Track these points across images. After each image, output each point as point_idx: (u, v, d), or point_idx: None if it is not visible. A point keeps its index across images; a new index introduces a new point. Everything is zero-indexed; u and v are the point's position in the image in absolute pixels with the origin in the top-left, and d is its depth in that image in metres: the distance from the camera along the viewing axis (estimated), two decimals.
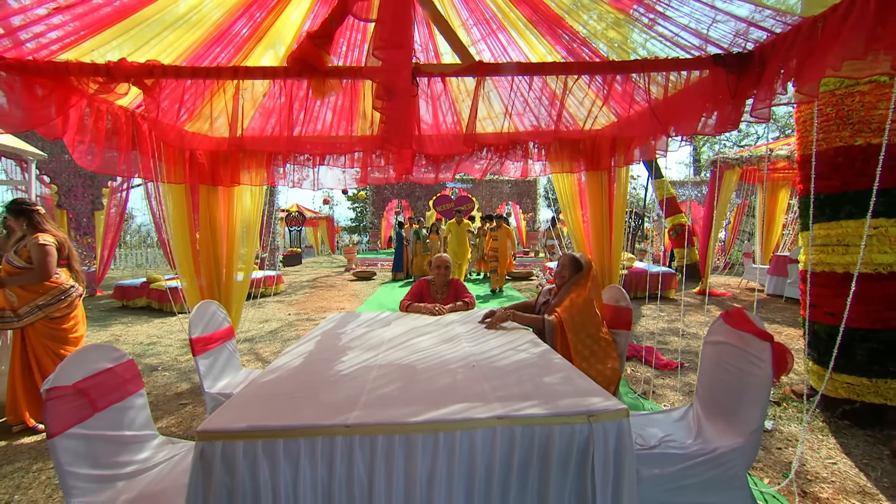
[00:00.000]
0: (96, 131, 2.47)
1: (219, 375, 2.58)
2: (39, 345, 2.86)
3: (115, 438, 1.56)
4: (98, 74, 2.08)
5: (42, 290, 2.84)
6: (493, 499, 1.29)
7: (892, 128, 2.53)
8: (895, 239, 2.54)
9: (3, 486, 2.21)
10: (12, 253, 2.83)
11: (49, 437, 1.32)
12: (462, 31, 2.72)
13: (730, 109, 2.39)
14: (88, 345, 1.59)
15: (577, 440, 1.30)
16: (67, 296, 2.93)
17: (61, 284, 2.91)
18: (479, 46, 2.90)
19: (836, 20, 1.79)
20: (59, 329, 2.91)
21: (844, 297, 2.63)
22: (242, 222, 3.90)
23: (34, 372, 2.85)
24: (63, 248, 2.96)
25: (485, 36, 2.83)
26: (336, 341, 2.28)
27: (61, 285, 2.91)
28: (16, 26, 1.90)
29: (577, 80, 2.64)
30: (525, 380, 1.63)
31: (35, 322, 2.82)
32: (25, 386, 2.85)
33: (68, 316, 2.95)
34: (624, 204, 3.97)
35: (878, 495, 2.02)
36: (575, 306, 2.44)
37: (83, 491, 1.36)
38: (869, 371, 2.59)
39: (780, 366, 1.59)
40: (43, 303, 2.83)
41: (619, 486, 1.30)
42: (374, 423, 1.27)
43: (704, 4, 2.12)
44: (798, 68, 2.01)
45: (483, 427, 1.28)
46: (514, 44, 2.86)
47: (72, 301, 2.96)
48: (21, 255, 2.82)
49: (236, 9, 2.28)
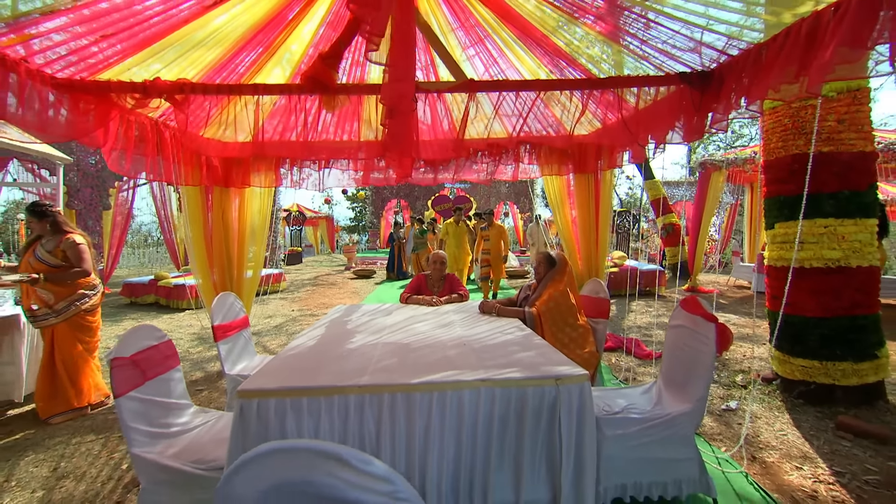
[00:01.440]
0: (126, 140, 2.75)
1: (237, 360, 2.87)
2: (69, 336, 3.05)
3: (162, 404, 1.85)
4: (135, 91, 2.37)
5: (78, 287, 3.06)
6: (478, 447, 1.58)
7: (839, 138, 2.83)
8: (843, 237, 2.84)
9: (50, 455, 2.50)
10: (44, 252, 3.01)
11: (115, 397, 1.61)
12: (459, 51, 3.01)
13: (695, 121, 2.68)
14: (137, 325, 1.88)
15: (546, 399, 1.59)
16: (96, 291, 3.20)
17: (92, 280, 3.16)
18: (474, 62, 3.19)
19: (775, 48, 2.09)
20: (88, 321, 3.15)
21: (801, 289, 2.95)
22: (252, 222, 4.18)
23: (58, 366, 3.01)
24: (89, 247, 3.17)
25: (479, 52, 3.12)
26: (344, 327, 2.58)
27: (92, 281, 3.16)
28: (65, 53, 2.18)
29: (560, 94, 2.94)
30: (507, 354, 1.92)
31: (72, 316, 3.03)
32: (51, 377, 2.99)
33: (96, 310, 3.21)
34: (609, 204, 4.27)
35: (817, 459, 2.33)
36: (552, 299, 2.73)
37: (141, 443, 1.65)
38: (820, 355, 2.89)
39: (721, 342, 1.88)
40: (78, 297, 3.06)
41: (581, 436, 1.60)
42: (380, 384, 1.57)
43: (675, 32, 2.41)
44: (748, 87, 2.30)
45: (469, 388, 1.57)
46: (505, 57, 3.15)
47: (99, 296, 3.22)
48: (56, 255, 3.01)
49: (251, 31, 2.56)
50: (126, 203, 10.22)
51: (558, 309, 2.77)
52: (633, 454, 1.90)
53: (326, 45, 2.76)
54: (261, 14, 2.41)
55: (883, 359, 2.85)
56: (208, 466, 1.64)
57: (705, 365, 1.92)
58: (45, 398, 3.01)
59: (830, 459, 2.31)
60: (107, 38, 2.19)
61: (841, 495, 2.02)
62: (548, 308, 2.76)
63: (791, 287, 3.06)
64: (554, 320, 2.75)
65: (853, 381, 2.81)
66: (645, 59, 2.73)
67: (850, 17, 1.68)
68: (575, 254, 4.46)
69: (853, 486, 2.07)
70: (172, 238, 10.60)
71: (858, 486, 2.07)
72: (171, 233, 10.58)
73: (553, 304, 2.77)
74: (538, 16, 2.57)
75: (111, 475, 2.30)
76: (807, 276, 2.96)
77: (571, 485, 1.59)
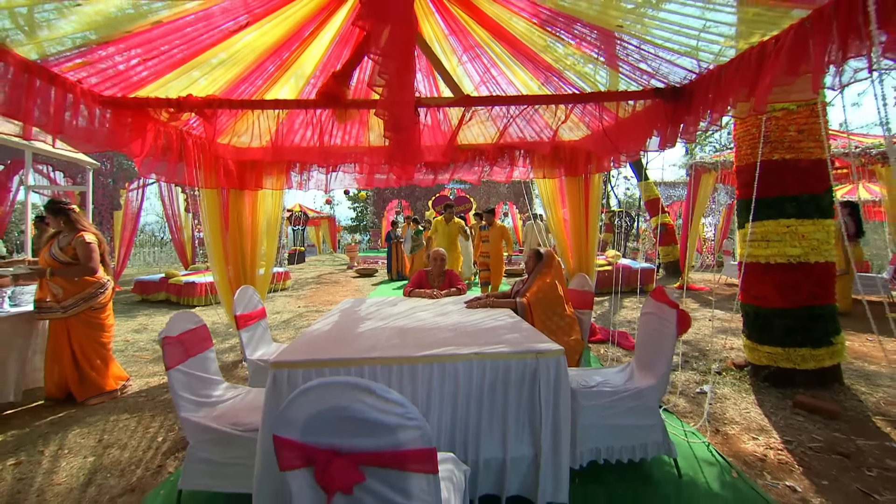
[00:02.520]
0: (156, 148, 3.05)
1: (256, 346, 3.17)
2: (82, 333, 3.23)
3: (201, 377, 2.15)
4: (170, 106, 2.68)
5: (85, 285, 3.21)
6: (471, 410, 1.89)
7: (799, 147, 3.14)
8: (803, 235, 3.14)
9: (93, 430, 2.81)
10: (57, 248, 3.19)
11: (167, 369, 1.92)
12: (458, 67, 3.32)
13: (669, 132, 2.98)
14: (180, 311, 2.18)
15: (528, 370, 1.90)
16: (104, 289, 3.33)
17: (100, 279, 3.30)
18: (467, 68, 3.48)
19: (731, 71, 2.40)
20: (98, 318, 3.31)
21: (766, 283, 3.26)
22: (264, 221, 4.49)
23: (78, 356, 3.24)
24: (100, 245, 3.34)
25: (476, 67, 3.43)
26: (354, 315, 2.88)
27: (100, 279, 3.30)
28: (112, 74, 2.49)
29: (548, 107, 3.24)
30: (496, 336, 2.23)
31: (79, 313, 3.20)
32: (74, 366, 3.24)
33: (106, 307, 3.39)
34: (598, 205, 4.59)
35: (772, 431, 2.63)
36: (541, 290, 3.04)
37: (187, 408, 1.96)
38: (783, 342, 3.20)
39: (681, 325, 2.19)
40: (86, 295, 3.21)
41: (557, 402, 1.90)
42: (390, 356, 1.88)
43: (651, 54, 2.71)
44: (713, 103, 2.61)
45: (463, 360, 1.88)
46: (499, 69, 3.44)
47: (107, 294, 3.37)
48: (66, 252, 3.17)
49: (267, 52, 2.87)
50: (136, 201, 10.51)
51: (546, 299, 3.08)
52: (606, 422, 2.20)
53: (335, 61, 3.08)
54: (276, 37, 2.72)
55: (838, 345, 3.15)
56: (244, 429, 1.95)
57: (668, 344, 2.22)
58: (76, 384, 3.25)
59: (784, 431, 2.62)
60: (147, 61, 2.50)
61: (786, 458, 2.33)
62: (537, 299, 3.07)
63: (758, 281, 3.38)
64: (543, 309, 3.06)
65: (811, 365, 3.11)
66: (626, 76, 3.03)
67: (786, 49, 1.99)
68: (567, 251, 4.78)
69: (798, 452, 2.38)
70: (179, 238, 10.89)
71: (802, 452, 2.38)
72: (179, 232, 10.88)
73: (542, 294, 3.08)
74: (528, 36, 2.88)
75: (150, 445, 2.62)
76: (772, 271, 3.26)
77: (549, 443, 1.89)
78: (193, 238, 11.31)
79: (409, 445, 1.08)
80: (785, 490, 2.07)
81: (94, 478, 2.26)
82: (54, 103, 2.20)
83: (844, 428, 2.62)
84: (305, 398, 1.10)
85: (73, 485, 2.20)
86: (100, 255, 3.32)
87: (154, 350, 4.79)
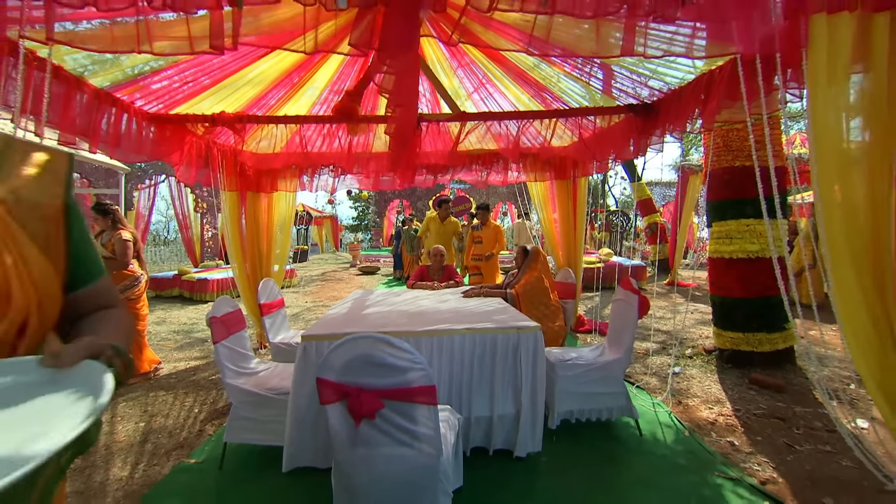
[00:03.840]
0: (190, 157, 3.48)
1: (277, 332, 3.59)
2: None
3: (238, 352, 2.57)
4: (206, 121, 3.09)
5: (120, 278, 3.55)
6: (464, 375, 2.31)
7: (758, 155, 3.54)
8: (760, 234, 3.55)
9: (137, 402, 3.23)
10: (100, 245, 3.59)
11: (214, 343, 2.34)
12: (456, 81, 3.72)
13: (641, 142, 3.40)
14: (221, 297, 2.60)
15: (511, 343, 2.32)
16: (138, 282, 3.73)
17: (134, 272, 3.66)
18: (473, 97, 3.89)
19: (689, 92, 2.81)
20: (133, 308, 3.64)
21: (730, 276, 3.67)
22: (278, 221, 4.90)
23: None
24: (136, 243, 3.74)
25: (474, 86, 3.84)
26: (364, 303, 3.30)
27: (134, 273, 3.66)
28: (161, 95, 2.90)
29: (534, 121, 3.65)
30: (487, 316, 2.64)
31: None
32: None
33: (140, 298, 3.79)
34: (584, 206, 4.99)
35: (726, 402, 3.05)
36: (528, 283, 3.45)
37: (230, 376, 2.38)
38: (743, 327, 3.61)
39: (642, 309, 2.60)
40: (121, 287, 3.52)
41: (535, 370, 2.32)
42: (397, 330, 2.29)
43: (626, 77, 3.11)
44: (674, 119, 3.02)
45: (458, 334, 2.30)
46: (496, 87, 3.85)
47: (141, 286, 3.77)
48: (107, 248, 3.55)
49: (285, 72, 3.26)
50: (147, 200, 10.91)
51: (533, 291, 3.50)
52: (579, 389, 2.62)
53: (345, 80, 3.49)
54: (292, 61, 3.12)
55: (790, 330, 3.57)
56: (276, 392, 2.36)
57: (632, 324, 2.64)
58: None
59: (735, 402, 3.04)
60: (186, 83, 2.91)
61: (733, 422, 2.74)
62: (525, 290, 3.48)
63: (723, 275, 3.79)
64: (530, 299, 3.47)
65: (767, 347, 3.53)
66: (603, 93, 3.44)
67: (726, 77, 2.40)
68: (556, 248, 5.19)
69: (743, 417, 2.80)
70: (188, 236, 11.30)
71: (747, 417, 2.80)
72: (188, 230, 11.28)
73: (529, 287, 3.49)
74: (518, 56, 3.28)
75: (188, 415, 3.03)
76: (735, 266, 3.68)
77: (528, 401, 2.31)
78: (202, 237, 11.72)
79: (416, 383, 1.50)
80: (725, 445, 2.49)
81: (148, 437, 2.68)
82: (114, 122, 2.62)
83: (787, 399, 3.03)
84: (341, 348, 1.52)
85: (133, 441, 2.62)
86: (135, 252, 3.72)
87: (176, 340, 5.20)
